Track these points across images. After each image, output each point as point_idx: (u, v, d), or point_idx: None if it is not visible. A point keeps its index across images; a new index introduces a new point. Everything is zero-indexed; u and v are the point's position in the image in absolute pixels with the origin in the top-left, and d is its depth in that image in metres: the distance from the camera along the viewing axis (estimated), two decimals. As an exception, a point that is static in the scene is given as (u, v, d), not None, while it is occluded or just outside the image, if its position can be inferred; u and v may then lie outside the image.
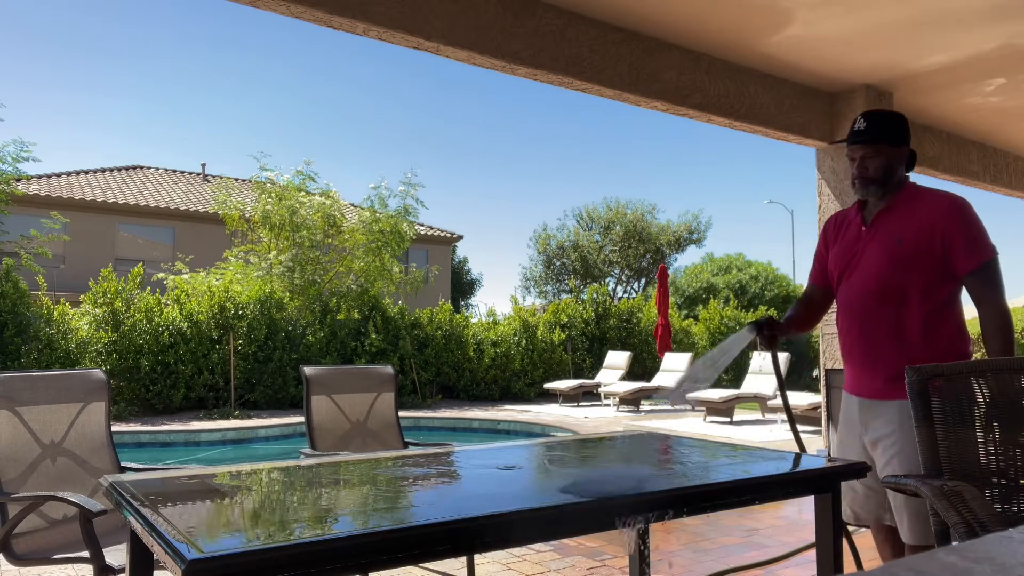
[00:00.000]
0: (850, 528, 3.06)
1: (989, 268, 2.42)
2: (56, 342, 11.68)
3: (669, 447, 2.65)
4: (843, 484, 2.36)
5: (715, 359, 2.79)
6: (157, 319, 12.28)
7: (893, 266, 2.48)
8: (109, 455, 2.87)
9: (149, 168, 28.06)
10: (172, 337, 12.28)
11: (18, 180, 15.96)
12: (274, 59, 57.87)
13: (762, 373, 12.11)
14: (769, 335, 2.75)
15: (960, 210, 2.45)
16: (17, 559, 2.43)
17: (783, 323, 2.84)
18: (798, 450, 2.67)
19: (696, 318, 20.22)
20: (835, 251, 2.72)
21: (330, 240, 15.73)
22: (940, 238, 2.43)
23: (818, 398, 10.50)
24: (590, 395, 14.72)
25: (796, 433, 2.95)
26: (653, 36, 5.16)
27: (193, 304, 12.79)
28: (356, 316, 14.47)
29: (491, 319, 16.33)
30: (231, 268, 15.22)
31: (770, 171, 67.43)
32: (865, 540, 4.04)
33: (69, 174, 24.37)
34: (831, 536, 2.12)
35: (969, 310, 2.58)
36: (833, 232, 2.79)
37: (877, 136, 2.52)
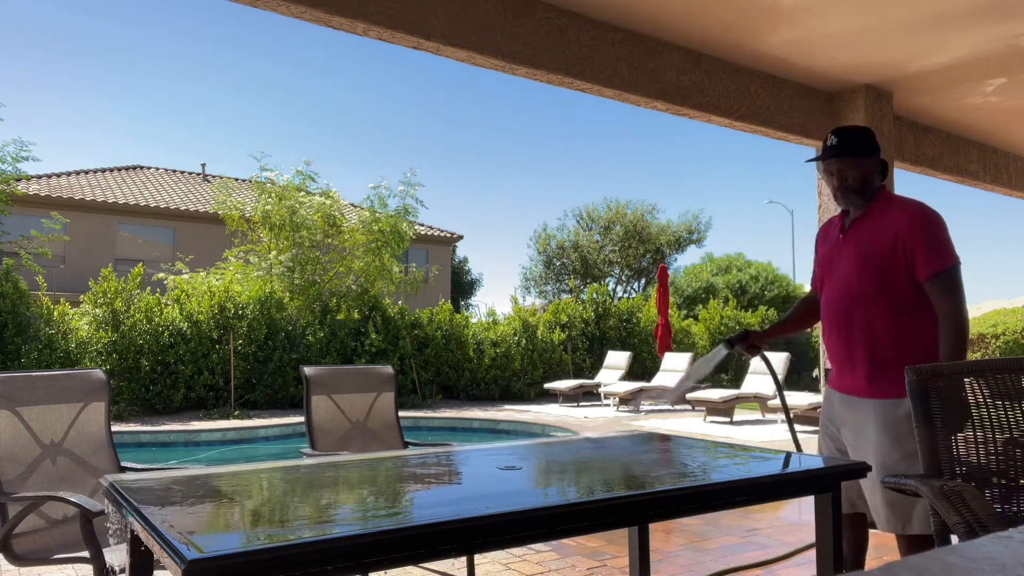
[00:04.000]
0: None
1: (946, 275, 2.50)
2: (56, 342, 11.67)
3: (669, 447, 2.65)
4: None
5: (692, 374, 3.17)
6: (157, 319, 12.28)
7: (861, 271, 2.62)
8: (109, 455, 2.87)
9: (149, 168, 28.05)
10: (172, 337, 12.27)
11: (18, 180, 15.95)
12: (274, 59, 57.89)
13: (762, 373, 12.10)
14: (747, 346, 2.95)
15: (923, 218, 2.56)
16: (17, 559, 2.43)
17: (768, 329, 3.05)
18: (795, 450, 2.79)
19: (696, 318, 20.21)
20: (818, 257, 2.89)
21: (330, 240, 15.71)
22: (903, 245, 2.54)
23: (818, 398, 10.62)
24: (590, 395, 14.71)
25: (794, 433, 3.13)
26: (653, 36, 5.16)
27: (193, 304, 12.79)
28: (356, 316, 14.47)
29: (491, 319, 16.33)
30: (231, 268, 15.20)
31: (770, 171, 67.46)
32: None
33: (69, 174, 24.36)
34: (831, 536, 2.11)
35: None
36: (821, 239, 2.96)
37: (850, 149, 2.65)
